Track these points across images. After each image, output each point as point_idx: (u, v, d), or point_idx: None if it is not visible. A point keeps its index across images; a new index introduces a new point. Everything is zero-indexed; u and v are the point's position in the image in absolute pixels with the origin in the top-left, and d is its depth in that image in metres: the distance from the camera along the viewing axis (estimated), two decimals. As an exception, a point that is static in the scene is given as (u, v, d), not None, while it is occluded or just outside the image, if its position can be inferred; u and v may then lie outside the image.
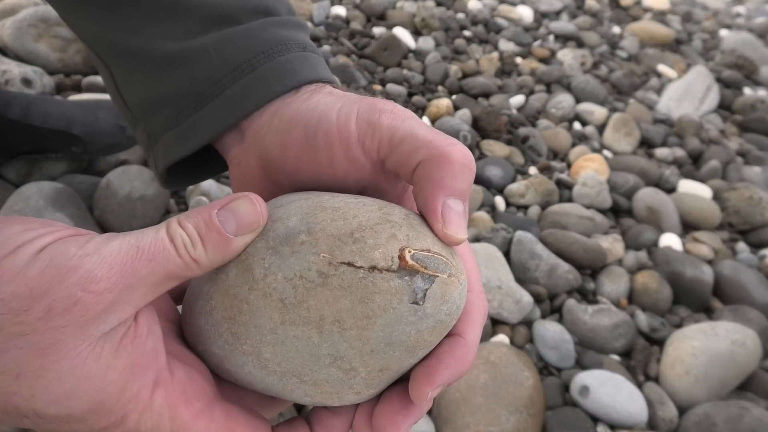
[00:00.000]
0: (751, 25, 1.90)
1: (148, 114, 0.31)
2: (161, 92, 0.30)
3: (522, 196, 0.97)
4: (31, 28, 0.90)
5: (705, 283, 0.85)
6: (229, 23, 0.29)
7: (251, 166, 0.29)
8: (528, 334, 0.76)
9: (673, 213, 0.99)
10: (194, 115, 0.29)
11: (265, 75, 0.28)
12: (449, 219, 0.23)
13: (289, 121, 0.27)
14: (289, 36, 0.30)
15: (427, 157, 0.23)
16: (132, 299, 0.21)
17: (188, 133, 0.29)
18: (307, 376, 0.23)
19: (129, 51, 0.30)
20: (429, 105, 1.11)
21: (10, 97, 0.70)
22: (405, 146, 0.24)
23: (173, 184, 0.34)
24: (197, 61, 0.29)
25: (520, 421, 0.61)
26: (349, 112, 0.25)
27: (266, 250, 0.22)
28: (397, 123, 0.25)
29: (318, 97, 0.27)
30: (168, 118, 0.30)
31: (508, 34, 1.47)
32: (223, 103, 0.28)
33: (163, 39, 0.29)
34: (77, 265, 0.19)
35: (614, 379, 0.68)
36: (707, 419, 0.65)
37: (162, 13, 0.29)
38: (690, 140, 1.22)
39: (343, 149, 0.25)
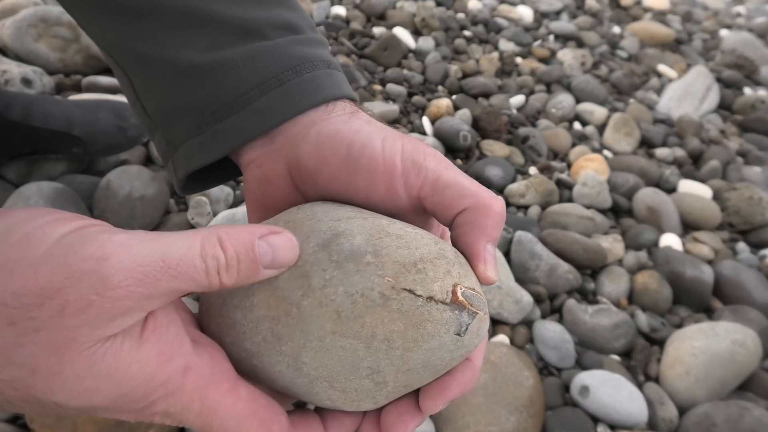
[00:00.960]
0: (751, 25, 1.90)
1: (168, 121, 0.31)
2: (184, 101, 0.30)
3: (522, 196, 0.97)
4: (30, 28, 0.90)
5: (705, 283, 0.85)
6: (255, 38, 0.30)
7: (276, 171, 0.30)
8: (528, 334, 0.76)
9: (674, 213, 0.99)
10: (219, 124, 0.29)
11: (293, 90, 0.29)
12: (490, 262, 0.26)
13: (330, 137, 0.28)
14: (314, 53, 0.31)
15: (472, 206, 0.26)
16: (146, 306, 0.21)
17: (211, 142, 0.30)
18: (339, 384, 0.24)
19: (151, 60, 0.30)
20: (429, 105, 1.11)
21: (11, 98, 0.70)
22: (450, 192, 0.26)
23: (189, 189, 0.34)
24: (224, 73, 0.29)
25: (520, 421, 0.61)
26: (394, 146, 0.27)
27: (329, 262, 0.23)
28: (441, 168, 0.27)
29: (359, 123, 0.29)
30: (190, 126, 0.30)
31: (508, 34, 1.47)
32: (249, 114, 0.29)
33: (187, 49, 0.29)
34: (93, 268, 0.19)
35: (614, 379, 0.68)
36: (707, 419, 0.65)
37: (187, 25, 0.29)
38: (690, 140, 1.22)
39: (385, 179, 0.27)
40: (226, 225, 0.23)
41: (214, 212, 0.77)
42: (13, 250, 0.19)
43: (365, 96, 1.09)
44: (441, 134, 1.04)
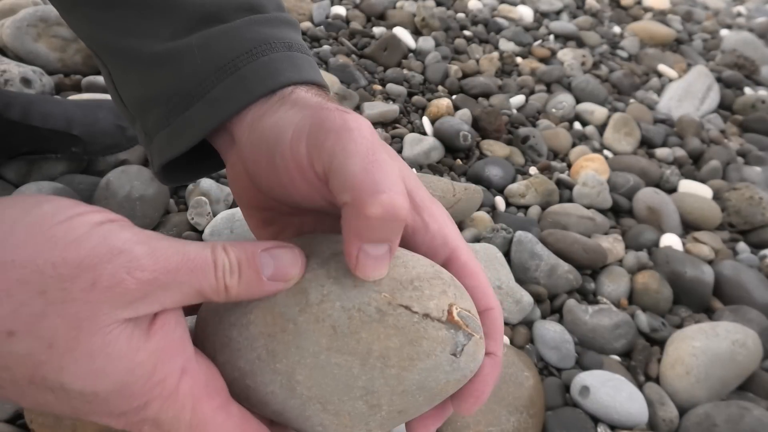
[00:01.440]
0: (751, 24, 1.90)
1: (142, 113, 0.31)
2: (152, 92, 0.30)
3: (522, 196, 0.96)
4: (30, 27, 0.90)
5: (705, 283, 0.85)
6: (215, 22, 0.29)
7: (241, 173, 0.29)
8: (528, 334, 0.75)
9: (674, 213, 0.99)
10: (182, 115, 0.29)
11: (248, 76, 0.28)
12: (363, 262, 0.23)
13: (258, 138, 0.27)
14: (274, 34, 0.30)
15: (349, 202, 0.22)
16: (162, 299, 0.21)
17: (177, 134, 0.30)
18: (332, 405, 0.23)
19: (122, 51, 0.30)
20: (429, 105, 1.11)
21: (10, 98, 0.70)
22: (335, 182, 0.23)
23: (172, 180, 0.34)
24: (182, 62, 0.29)
25: (520, 422, 0.61)
26: (301, 132, 0.25)
27: (326, 277, 0.23)
28: (338, 149, 0.23)
29: (282, 111, 0.27)
30: (160, 117, 0.30)
31: (508, 33, 1.46)
32: (207, 104, 0.28)
33: (152, 39, 0.29)
34: (129, 249, 0.20)
35: (614, 380, 0.68)
36: (708, 419, 0.65)
37: (152, 14, 0.29)
38: (690, 140, 1.22)
39: (299, 172, 0.25)
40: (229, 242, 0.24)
41: (214, 212, 0.77)
42: (59, 227, 0.20)
43: (365, 96, 1.09)
44: (441, 134, 1.04)
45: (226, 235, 0.73)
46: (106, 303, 0.20)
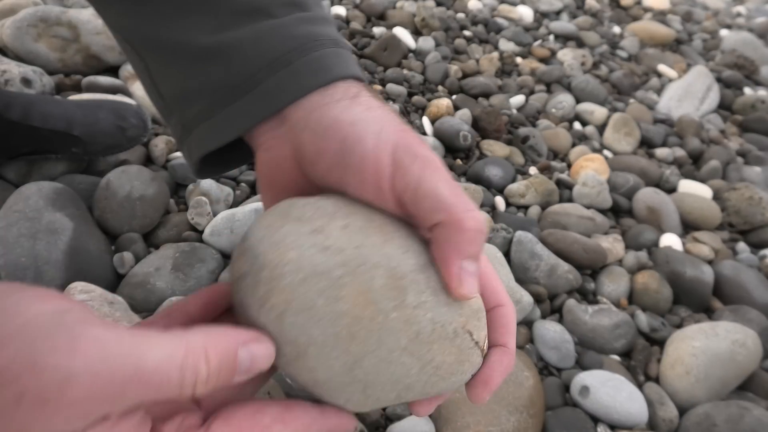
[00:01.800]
0: (751, 24, 1.90)
1: (182, 105, 0.31)
2: (196, 84, 0.30)
3: (522, 196, 0.97)
4: (30, 28, 0.90)
5: (705, 283, 0.85)
6: (262, 16, 0.30)
7: (284, 155, 0.29)
8: (528, 334, 0.76)
9: (674, 213, 0.99)
10: (229, 107, 0.29)
11: (300, 70, 0.29)
12: (465, 280, 0.25)
13: (327, 128, 0.27)
14: (321, 32, 0.31)
15: (445, 221, 0.25)
16: (107, 410, 0.19)
17: (223, 125, 0.30)
18: (372, 390, 0.25)
19: (163, 44, 0.30)
20: (429, 105, 1.11)
21: (11, 98, 0.70)
22: (427, 203, 0.25)
23: (205, 173, 0.34)
24: (232, 55, 0.29)
25: (520, 422, 0.61)
26: (386, 144, 0.26)
27: (426, 285, 0.25)
28: (425, 175, 0.26)
29: (357, 111, 0.28)
30: (202, 109, 0.30)
31: (508, 34, 1.47)
32: (258, 96, 0.29)
33: (196, 32, 0.29)
34: (58, 365, 0.18)
35: (614, 380, 0.68)
36: (707, 419, 0.65)
37: (195, 7, 0.29)
38: (690, 140, 1.22)
39: (374, 179, 0.26)
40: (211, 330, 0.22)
41: (214, 212, 0.77)
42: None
43: (365, 96, 1.09)
44: (441, 134, 1.04)
45: (226, 235, 0.73)
46: (36, 424, 0.18)
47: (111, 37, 0.94)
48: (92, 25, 0.94)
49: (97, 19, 0.95)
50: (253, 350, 0.23)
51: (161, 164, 0.84)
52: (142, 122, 0.79)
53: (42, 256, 0.64)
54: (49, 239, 0.65)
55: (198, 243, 0.74)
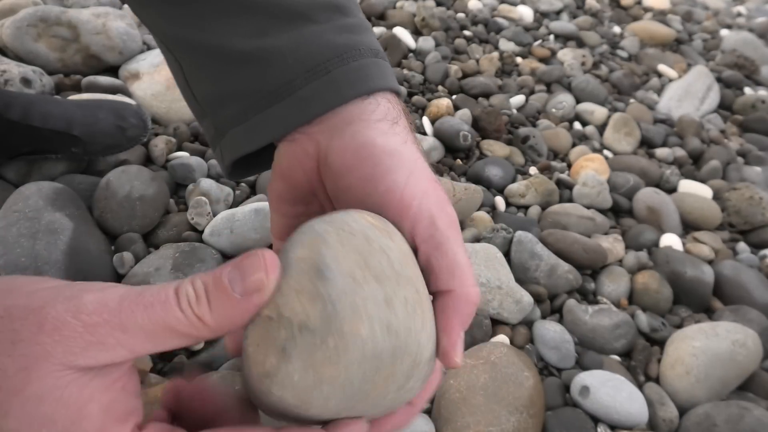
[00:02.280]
0: (751, 24, 1.90)
1: (216, 108, 0.31)
2: (231, 88, 0.30)
3: (522, 196, 0.96)
4: (30, 27, 0.90)
5: (705, 283, 0.85)
6: (302, 21, 0.30)
7: (307, 152, 0.29)
8: (528, 334, 0.75)
9: (674, 213, 0.99)
10: (264, 112, 0.29)
11: (338, 79, 0.29)
12: (459, 349, 0.26)
13: (361, 147, 0.27)
14: (361, 41, 0.31)
15: (457, 291, 0.26)
16: (126, 342, 0.20)
17: (257, 129, 0.30)
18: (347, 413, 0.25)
19: (199, 47, 0.30)
20: (429, 105, 1.11)
21: (10, 98, 0.70)
22: (444, 264, 0.26)
23: (236, 175, 0.35)
24: (270, 61, 0.29)
25: (520, 422, 0.61)
26: (417, 188, 0.27)
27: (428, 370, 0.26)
28: (449, 235, 0.27)
29: (395, 141, 0.28)
30: (236, 113, 0.30)
31: (508, 33, 1.46)
32: (294, 102, 0.29)
33: (234, 36, 0.29)
34: (74, 295, 0.20)
35: (614, 380, 0.68)
36: (708, 419, 0.65)
37: (233, 10, 0.29)
38: (690, 140, 1.22)
39: (394, 215, 0.27)
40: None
41: (214, 212, 0.77)
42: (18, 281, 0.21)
43: (365, 96, 1.09)
44: (441, 134, 1.04)
45: (226, 235, 0.73)
46: (59, 346, 0.19)
47: (111, 37, 0.94)
48: (92, 25, 0.94)
49: (96, 19, 0.95)
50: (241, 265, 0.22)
51: (161, 164, 0.84)
52: (141, 122, 0.79)
53: (42, 256, 0.63)
54: (49, 239, 0.65)
55: (198, 243, 0.73)
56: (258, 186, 0.85)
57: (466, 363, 0.66)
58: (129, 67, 0.96)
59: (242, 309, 0.22)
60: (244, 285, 0.21)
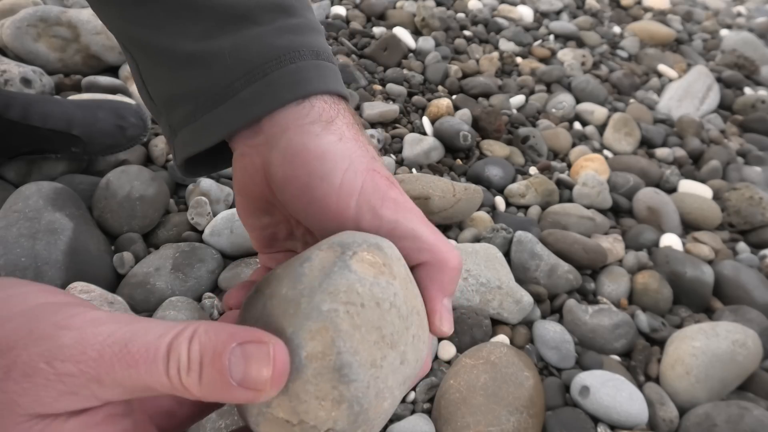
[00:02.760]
0: (751, 24, 1.90)
1: (169, 108, 0.32)
2: (181, 89, 0.31)
3: (522, 196, 0.96)
4: (30, 27, 0.90)
5: (705, 283, 0.85)
6: (246, 22, 0.30)
7: (255, 166, 0.30)
8: (528, 334, 0.75)
9: (674, 213, 0.99)
10: (209, 113, 0.30)
11: (276, 81, 0.29)
12: (446, 317, 0.26)
13: (295, 155, 0.27)
14: (303, 42, 0.30)
15: (430, 261, 0.26)
16: (99, 393, 0.19)
17: (203, 131, 0.30)
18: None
19: (152, 47, 0.31)
20: (429, 105, 1.11)
21: (10, 98, 0.70)
22: (406, 244, 0.26)
23: (192, 173, 0.35)
24: (212, 63, 0.29)
25: (520, 422, 0.61)
26: (353, 185, 0.27)
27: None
28: (399, 217, 0.26)
29: (328, 141, 0.27)
30: (187, 113, 0.31)
31: (508, 33, 1.46)
32: (235, 104, 0.29)
33: (183, 37, 0.30)
34: (51, 335, 0.18)
35: (614, 380, 0.68)
36: (708, 420, 0.65)
37: (183, 12, 0.30)
38: (690, 140, 1.22)
39: (337, 219, 0.27)
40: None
41: (214, 212, 0.77)
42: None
43: (365, 96, 1.09)
44: (441, 134, 1.03)
45: (226, 235, 0.73)
46: (27, 395, 0.18)
47: (111, 37, 0.94)
48: (92, 25, 0.94)
49: (96, 19, 0.95)
50: (249, 352, 0.19)
51: (161, 164, 0.84)
52: (141, 122, 0.79)
53: (42, 256, 0.63)
54: (49, 239, 0.65)
55: (198, 243, 0.73)
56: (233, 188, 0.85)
57: (466, 363, 0.66)
58: (129, 67, 0.96)
59: (235, 396, 0.19)
60: (244, 376, 0.19)
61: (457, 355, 0.70)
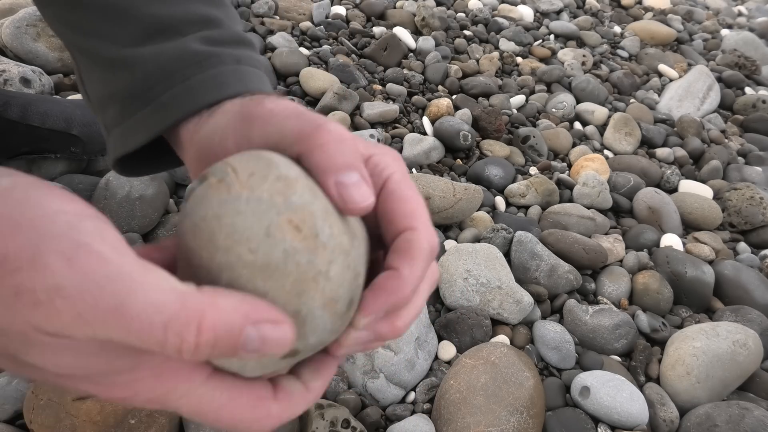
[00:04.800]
0: (752, 24, 1.90)
1: (102, 108, 0.33)
2: (109, 91, 0.32)
3: (522, 196, 0.96)
4: (29, 27, 0.90)
5: (706, 283, 0.85)
6: (171, 33, 0.32)
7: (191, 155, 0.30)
8: (528, 334, 0.75)
9: (674, 213, 0.99)
10: (134, 116, 0.31)
11: (195, 86, 0.30)
12: (347, 193, 0.23)
13: (197, 149, 0.29)
14: (225, 50, 0.32)
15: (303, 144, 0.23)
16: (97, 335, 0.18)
17: (129, 133, 0.32)
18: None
19: (86, 50, 0.33)
20: (429, 105, 1.11)
21: (9, 97, 0.70)
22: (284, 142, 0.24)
23: (131, 172, 0.36)
24: (137, 68, 0.31)
25: (520, 422, 0.61)
26: (225, 135, 0.26)
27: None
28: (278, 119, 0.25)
29: (213, 120, 0.28)
30: (116, 115, 0.32)
31: (508, 33, 1.46)
32: (157, 107, 0.30)
33: (111, 43, 0.32)
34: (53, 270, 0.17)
35: (615, 380, 0.67)
36: (708, 420, 0.65)
37: (112, 19, 0.32)
38: (691, 140, 1.21)
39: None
40: (220, 297, 0.20)
41: (214, 212, 0.77)
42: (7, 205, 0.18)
43: (365, 96, 1.09)
44: (441, 134, 1.03)
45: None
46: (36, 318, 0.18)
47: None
48: (92, 24, 0.94)
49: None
50: (266, 333, 0.20)
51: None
52: (141, 122, 0.79)
53: (41, 256, 0.63)
54: (48, 239, 0.64)
55: (197, 243, 0.73)
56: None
57: (466, 363, 0.66)
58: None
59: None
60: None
61: (457, 356, 0.70)
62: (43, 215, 0.18)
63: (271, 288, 0.21)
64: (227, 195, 0.21)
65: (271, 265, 0.21)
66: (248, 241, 0.21)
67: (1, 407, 0.55)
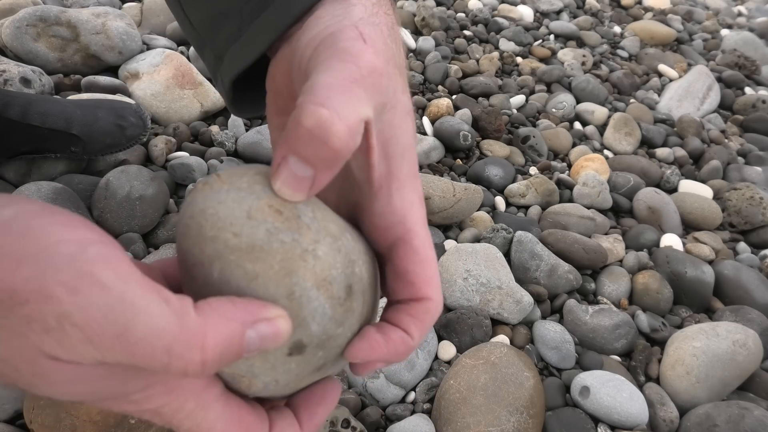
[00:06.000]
0: (752, 24, 1.90)
1: (213, 32, 0.32)
2: (223, 7, 0.31)
3: (522, 196, 0.96)
4: (30, 27, 0.90)
5: (706, 283, 0.85)
6: None
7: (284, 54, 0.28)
8: (528, 334, 0.75)
9: (674, 213, 0.99)
10: (255, 22, 0.30)
11: None
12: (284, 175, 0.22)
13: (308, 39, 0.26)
14: None
15: (297, 105, 0.22)
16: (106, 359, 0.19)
17: (250, 41, 0.30)
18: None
19: None
20: (429, 105, 1.11)
21: (9, 97, 0.70)
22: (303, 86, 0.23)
23: (240, 109, 0.35)
24: None
25: (520, 422, 0.61)
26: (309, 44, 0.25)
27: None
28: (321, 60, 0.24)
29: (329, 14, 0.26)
30: (232, 31, 0.31)
31: (508, 33, 1.46)
32: (280, 5, 0.29)
33: None
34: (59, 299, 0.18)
35: (615, 380, 0.67)
36: (708, 420, 0.65)
37: None
38: (691, 140, 1.21)
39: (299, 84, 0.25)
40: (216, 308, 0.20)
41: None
42: (10, 238, 0.18)
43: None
44: (441, 134, 1.03)
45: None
46: (48, 344, 0.18)
47: (110, 36, 0.94)
48: (91, 24, 0.94)
49: (96, 19, 0.95)
50: (262, 330, 0.20)
51: (161, 164, 0.84)
52: (141, 121, 0.79)
53: (41, 256, 0.63)
54: (48, 239, 0.64)
55: (197, 243, 0.73)
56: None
57: (466, 363, 0.66)
58: (128, 66, 0.96)
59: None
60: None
61: (457, 355, 0.70)
62: (47, 246, 0.18)
63: (260, 270, 0.21)
64: (210, 191, 0.22)
65: (256, 246, 0.21)
66: (231, 225, 0.21)
67: (1, 407, 0.55)
